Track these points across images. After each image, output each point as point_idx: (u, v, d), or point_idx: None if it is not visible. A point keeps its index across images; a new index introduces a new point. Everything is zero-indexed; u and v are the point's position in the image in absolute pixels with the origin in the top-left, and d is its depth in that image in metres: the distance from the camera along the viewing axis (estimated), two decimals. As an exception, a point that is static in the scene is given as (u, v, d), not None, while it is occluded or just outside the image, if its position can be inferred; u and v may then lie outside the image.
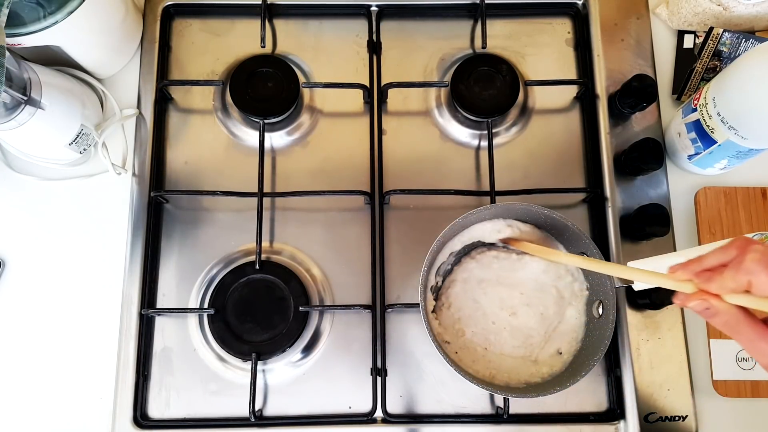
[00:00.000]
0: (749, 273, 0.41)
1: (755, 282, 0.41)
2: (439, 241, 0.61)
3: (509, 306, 0.64)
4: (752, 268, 0.41)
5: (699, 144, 0.66)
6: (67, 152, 0.67)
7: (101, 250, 0.70)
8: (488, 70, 0.72)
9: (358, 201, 0.72)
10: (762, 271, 0.41)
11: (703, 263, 0.45)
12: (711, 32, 0.74)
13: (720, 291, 0.43)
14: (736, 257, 0.43)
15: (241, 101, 0.71)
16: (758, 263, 0.41)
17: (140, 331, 0.67)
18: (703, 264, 0.45)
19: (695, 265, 0.46)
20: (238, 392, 0.66)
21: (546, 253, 0.60)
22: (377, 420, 0.66)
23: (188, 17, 0.78)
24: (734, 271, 0.42)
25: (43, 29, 0.60)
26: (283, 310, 0.67)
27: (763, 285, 0.41)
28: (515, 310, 0.64)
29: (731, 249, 0.44)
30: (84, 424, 0.66)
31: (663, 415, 0.65)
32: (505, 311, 0.64)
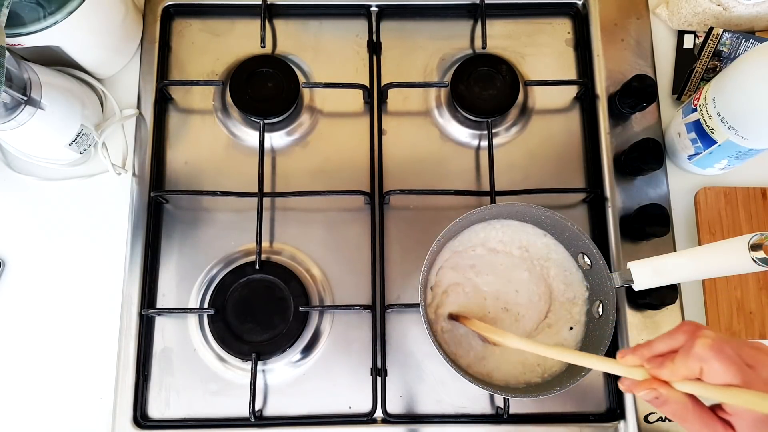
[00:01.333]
0: (700, 360, 0.40)
1: (706, 369, 0.40)
2: (439, 241, 0.61)
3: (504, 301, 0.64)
4: (703, 355, 0.40)
5: (699, 144, 0.66)
6: (67, 152, 0.68)
7: (101, 250, 0.70)
8: (488, 70, 0.72)
9: (358, 201, 0.72)
10: (713, 358, 0.40)
11: (653, 349, 0.44)
12: (711, 32, 0.74)
13: (671, 378, 0.42)
14: (685, 343, 0.42)
15: (241, 101, 0.71)
16: (709, 349, 0.40)
17: (140, 331, 0.67)
18: (653, 350, 0.44)
19: (645, 350, 0.45)
20: (238, 392, 0.66)
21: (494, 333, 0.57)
22: (377, 420, 0.66)
23: (188, 17, 0.78)
24: (684, 357, 0.41)
25: (43, 29, 0.60)
26: (283, 310, 0.67)
27: (714, 372, 0.40)
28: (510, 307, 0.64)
29: (679, 334, 0.43)
30: (84, 424, 0.66)
31: (663, 416, 0.65)
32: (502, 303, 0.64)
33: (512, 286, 0.65)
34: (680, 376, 0.42)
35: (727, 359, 0.39)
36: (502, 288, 0.65)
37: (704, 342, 0.40)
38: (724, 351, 0.40)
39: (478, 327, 0.59)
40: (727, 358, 0.39)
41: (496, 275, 0.65)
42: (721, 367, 0.39)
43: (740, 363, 0.39)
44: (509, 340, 0.56)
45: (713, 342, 0.40)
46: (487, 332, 0.58)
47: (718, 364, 0.39)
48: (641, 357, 0.45)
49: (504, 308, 0.64)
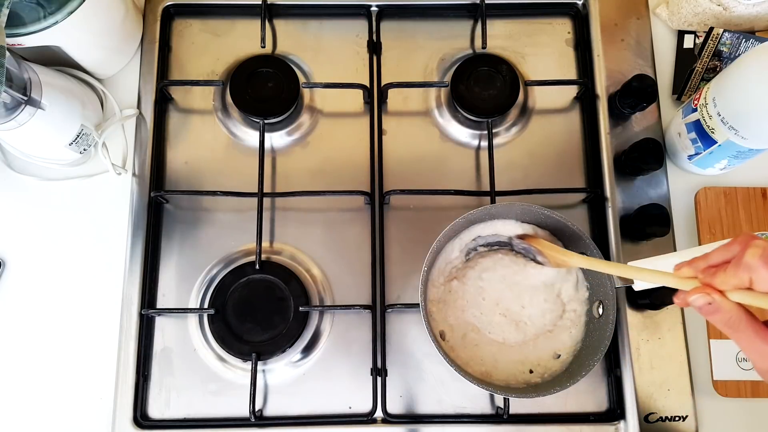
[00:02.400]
0: (749, 269, 0.41)
1: (755, 278, 0.41)
2: (440, 241, 0.61)
3: (506, 306, 0.64)
4: (752, 264, 0.40)
5: (699, 144, 0.66)
6: (67, 152, 0.68)
7: (101, 251, 0.70)
8: (488, 70, 0.72)
9: (358, 201, 0.72)
10: (761, 267, 0.40)
11: (708, 260, 0.45)
12: (711, 32, 0.74)
13: (722, 286, 0.43)
14: (738, 253, 0.42)
15: (241, 101, 0.71)
16: (758, 258, 0.40)
17: (140, 331, 0.67)
18: (708, 261, 0.45)
19: (700, 262, 0.45)
20: (238, 392, 0.66)
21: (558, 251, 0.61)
22: (377, 420, 0.66)
23: (188, 17, 0.78)
24: (735, 267, 0.42)
25: (43, 29, 0.60)
26: (283, 310, 0.67)
27: (763, 280, 0.40)
28: (513, 309, 0.64)
29: (734, 245, 0.43)
30: (84, 424, 0.66)
31: (663, 416, 0.65)
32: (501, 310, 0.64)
33: (510, 286, 0.64)
34: (731, 285, 0.42)
35: None
36: (501, 288, 0.64)
37: (754, 251, 0.41)
38: None
39: (543, 245, 0.62)
40: None
41: (496, 275, 0.65)
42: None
43: None
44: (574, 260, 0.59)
45: (763, 251, 0.40)
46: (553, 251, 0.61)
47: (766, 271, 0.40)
48: (696, 268, 0.45)
49: (504, 308, 0.64)
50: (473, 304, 0.64)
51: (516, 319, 0.64)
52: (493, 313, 0.64)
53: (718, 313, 0.43)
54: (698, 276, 0.45)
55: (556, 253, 0.61)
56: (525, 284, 0.64)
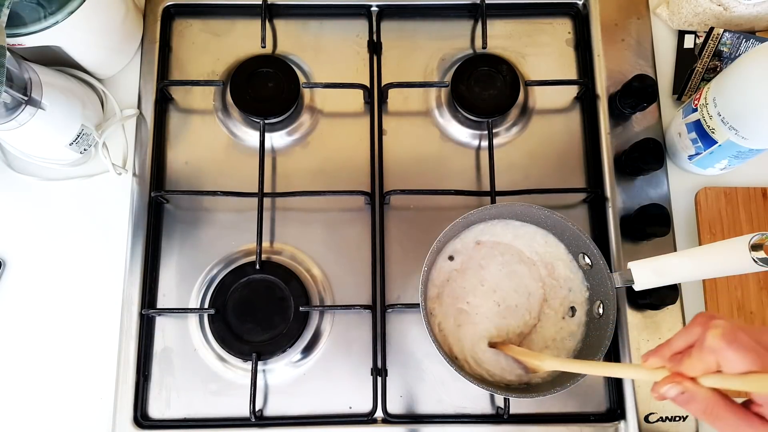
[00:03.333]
0: (713, 351, 0.39)
1: (721, 360, 0.39)
2: (440, 241, 0.61)
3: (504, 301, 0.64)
4: (714, 346, 0.39)
5: (699, 144, 0.66)
6: (67, 152, 0.68)
7: (102, 251, 0.70)
8: (488, 70, 0.72)
9: (359, 201, 0.72)
10: (726, 348, 0.38)
11: (672, 347, 0.43)
12: (711, 32, 0.74)
13: (692, 373, 0.41)
14: (700, 336, 0.41)
15: (242, 101, 0.71)
16: (720, 339, 0.38)
17: (141, 331, 0.67)
18: (672, 348, 0.43)
19: (665, 349, 0.44)
20: (239, 392, 0.66)
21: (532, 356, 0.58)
22: (377, 420, 0.66)
23: (189, 17, 0.78)
24: (699, 351, 0.40)
25: (44, 29, 0.60)
26: (283, 310, 0.67)
27: (730, 363, 0.38)
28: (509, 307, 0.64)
29: (695, 327, 0.42)
30: (84, 424, 0.66)
31: (663, 416, 0.65)
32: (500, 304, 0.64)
33: (512, 287, 0.64)
34: (699, 370, 0.40)
35: (742, 346, 0.38)
36: (501, 288, 0.64)
37: (714, 333, 0.39)
38: (737, 339, 0.38)
39: (515, 352, 0.60)
40: (741, 346, 0.38)
41: (496, 275, 0.65)
42: (735, 355, 0.38)
43: (756, 348, 0.38)
44: (546, 363, 0.57)
45: (723, 331, 0.39)
46: (525, 356, 0.59)
47: (732, 353, 0.38)
48: (662, 357, 0.44)
49: (503, 308, 0.64)
50: (471, 291, 0.64)
51: (513, 309, 0.64)
52: (493, 309, 0.64)
53: (693, 402, 0.40)
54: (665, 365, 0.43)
55: (529, 358, 0.58)
56: (515, 274, 0.64)
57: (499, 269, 0.65)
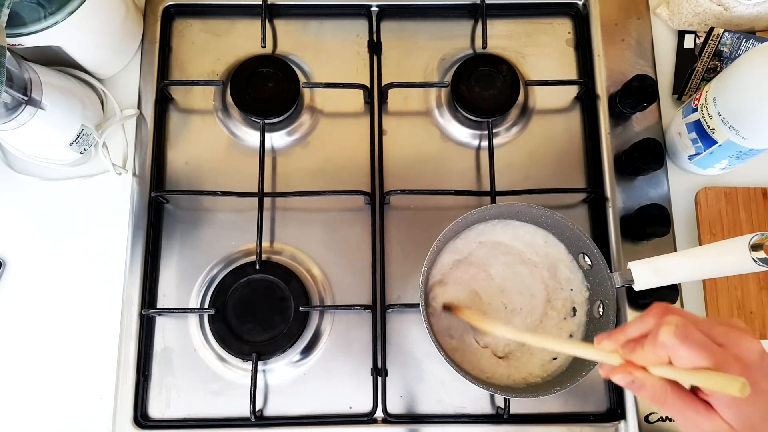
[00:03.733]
0: (665, 347, 0.40)
1: (673, 356, 0.40)
2: (440, 241, 0.61)
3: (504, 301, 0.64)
4: (667, 342, 0.39)
5: (699, 144, 0.66)
6: (67, 152, 0.68)
7: (102, 251, 0.70)
8: (489, 70, 0.72)
9: (359, 201, 0.72)
10: (678, 345, 0.39)
11: (626, 333, 0.44)
12: (711, 32, 0.74)
13: (643, 363, 0.42)
14: (653, 328, 0.41)
15: (242, 101, 0.71)
16: (673, 336, 0.39)
17: (141, 331, 0.67)
18: (626, 334, 0.44)
19: (620, 335, 0.44)
20: (239, 392, 0.66)
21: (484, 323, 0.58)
22: (377, 420, 0.66)
23: (189, 17, 0.78)
24: (652, 345, 0.41)
25: (44, 29, 0.60)
26: (283, 310, 0.67)
27: (682, 359, 0.39)
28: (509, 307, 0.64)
29: (649, 317, 0.42)
30: (84, 424, 0.66)
31: (663, 415, 0.65)
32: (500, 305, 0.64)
33: (512, 287, 0.65)
34: (650, 362, 0.41)
35: (694, 344, 0.39)
36: (502, 288, 0.65)
37: (667, 330, 0.39)
38: (689, 336, 0.39)
39: (468, 317, 0.60)
40: (693, 343, 0.39)
41: (496, 275, 0.65)
42: (687, 352, 0.39)
43: (709, 344, 0.39)
44: (497, 329, 0.56)
45: (677, 329, 0.39)
46: (477, 322, 0.58)
47: (684, 350, 0.39)
48: (616, 342, 0.44)
49: (504, 309, 0.64)
50: (472, 304, 0.64)
51: (513, 309, 0.64)
52: (493, 310, 0.64)
53: (643, 389, 0.42)
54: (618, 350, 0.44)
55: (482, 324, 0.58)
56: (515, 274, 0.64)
57: (504, 268, 0.65)
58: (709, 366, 0.38)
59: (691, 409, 0.40)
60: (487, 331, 0.58)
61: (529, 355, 0.63)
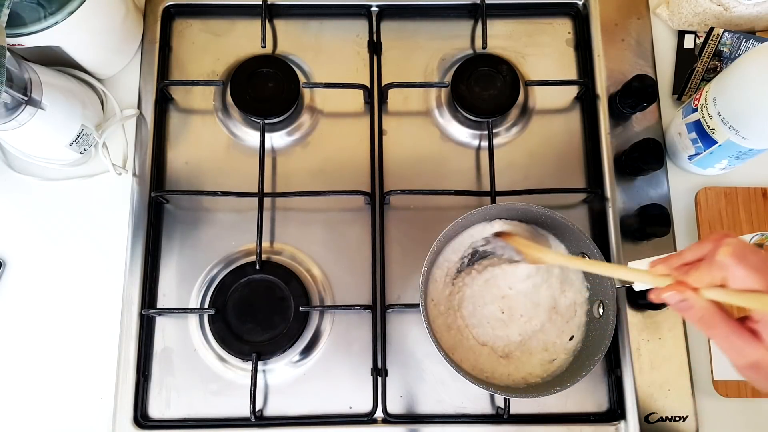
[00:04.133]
0: (722, 267, 0.41)
1: (729, 276, 0.41)
2: (440, 241, 0.61)
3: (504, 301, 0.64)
4: (725, 262, 0.40)
5: (699, 144, 0.66)
6: (67, 152, 0.68)
7: (102, 251, 0.70)
8: (489, 70, 0.72)
9: (359, 201, 0.72)
10: (734, 265, 0.40)
11: (683, 258, 0.45)
12: (711, 32, 0.74)
13: (696, 284, 0.43)
14: (710, 251, 0.42)
15: (242, 101, 0.71)
16: (730, 256, 0.40)
17: (141, 331, 0.67)
18: (682, 258, 0.45)
19: (675, 259, 0.45)
20: (239, 392, 0.66)
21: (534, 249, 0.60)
22: (377, 420, 0.66)
23: (189, 17, 0.78)
24: (708, 265, 0.42)
25: (44, 29, 0.60)
26: (283, 310, 0.67)
27: (736, 278, 0.40)
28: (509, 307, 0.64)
29: (707, 243, 0.43)
30: (84, 424, 0.66)
31: (663, 416, 0.65)
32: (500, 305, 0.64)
33: (512, 287, 0.64)
34: (704, 282, 0.42)
35: (749, 265, 0.40)
36: (502, 288, 0.64)
37: (726, 250, 0.40)
38: (746, 257, 0.40)
39: (518, 243, 0.61)
40: (749, 264, 0.40)
41: (496, 275, 0.65)
42: (742, 273, 0.40)
43: (763, 268, 0.40)
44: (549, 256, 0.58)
45: (734, 249, 0.40)
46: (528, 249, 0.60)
47: (740, 270, 0.40)
48: (670, 266, 0.45)
49: (503, 309, 0.64)
50: (472, 304, 0.64)
51: (514, 309, 0.64)
52: (493, 310, 0.64)
53: (691, 309, 0.43)
54: (672, 273, 0.45)
55: (532, 251, 0.60)
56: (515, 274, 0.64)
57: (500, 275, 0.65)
58: (762, 289, 0.39)
59: (737, 336, 0.41)
60: (538, 258, 0.59)
61: (528, 355, 0.63)
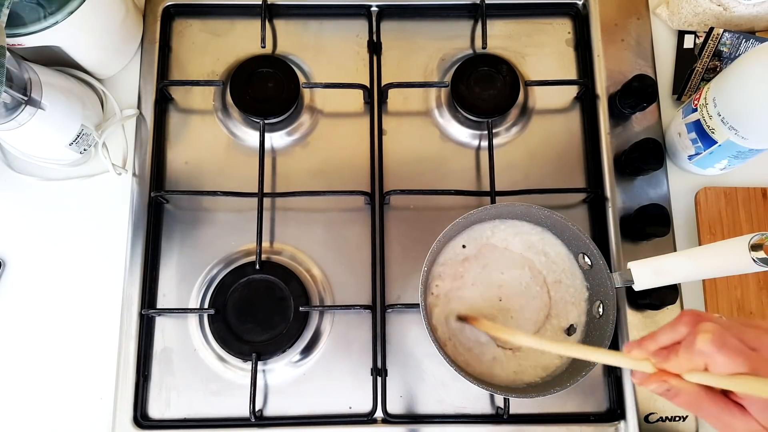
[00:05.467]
0: (703, 355, 0.40)
1: (710, 363, 0.40)
2: (440, 241, 0.61)
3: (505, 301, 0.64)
4: (705, 350, 0.40)
5: (699, 144, 0.66)
6: (67, 152, 0.68)
7: (101, 251, 0.70)
8: (488, 70, 0.72)
9: (359, 201, 0.72)
10: (716, 353, 0.39)
11: (657, 341, 0.44)
12: (711, 32, 0.74)
13: (677, 370, 0.42)
14: (687, 336, 0.42)
15: (242, 101, 0.71)
16: (711, 344, 0.40)
17: (140, 331, 0.67)
18: (657, 342, 0.44)
19: (650, 343, 0.45)
20: (239, 392, 0.66)
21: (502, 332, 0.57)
22: (377, 420, 0.66)
23: (188, 17, 0.78)
24: (687, 353, 0.41)
25: (44, 29, 0.60)
26: (283, 310, 0.67)
27: (719, 365, 0.40)
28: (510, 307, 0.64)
29: (680, 326, 0.43)
30: (84, 424, 0.66)
31: (663, 416, 0.65)
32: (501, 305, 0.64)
33: (513, 287, 0.64)
34: (685, 369, 0.42)
35: (730, 350, 0.39)
36: (502, 288, 0.65)
37: (705, 337, 0.40)
38: (726, 343, 0.40)
39: (486, 327, 0.59)
40: (729, 350, 0.39)
41: (497, 275, 0.65)
42: (725, 359, 0.39)
43: (744, 350, 0.39)
44: (518, 338, 0.56)
45: (714, 336, 0.40)
46: (496, 332, 0.58)
47: (722, 357, 0.39)
48: (646, 350, 0.45)
49: (504, 308, 0.64)
50: (472, 304, 0.64)
51: (514, 309, 0.64)
52: (494, 310, 0.64)
53: (678, 396, 0.42)
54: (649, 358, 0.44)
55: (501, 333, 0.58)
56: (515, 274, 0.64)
57: (500, 275, 0.65)
58: (745, 371, 0.39)
59: (725, 413, 0.41)
60: (507, 341, 0.58)
61: (528, 355, 0.63)
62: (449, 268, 0.65)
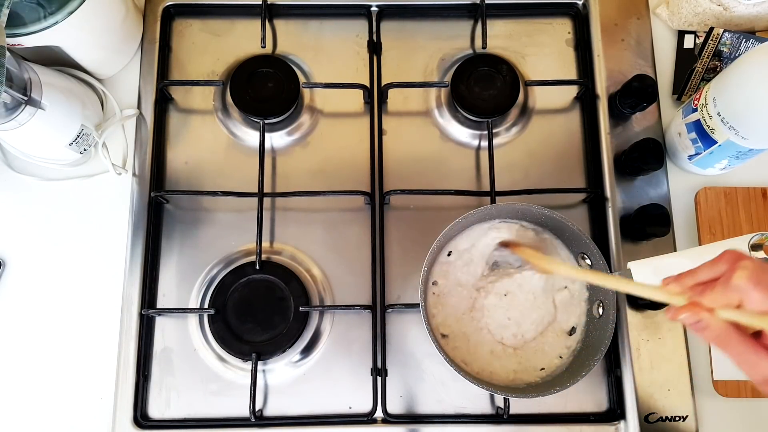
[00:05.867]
0: (738, 291, 0.41)
1: (745, 299, 0.41)
2: (440, 241, 0.61)
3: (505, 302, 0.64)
4: (741, 286, 0.41)
5: (699, 144, 0.66)
6: (67, 152, 0.68)
7: (101, 251, 0.70)
8: (488, 70, 0.72)
9: (359, 201, 0.72)
10: (752, 289, 0.40)
11: (696, 276, 0.45)
12: (711, 32, 0.74)
13: (711, 305, 0.43)
14: (725, 273, 0.43)
15: (242, 101, 0.71)
16: (747, 281, 0.41)
17: (140, 331, 0.67)
18: (696, 277, 0.45)
19: (688, 278, 0.45)
20: (239, 392, 0.66)
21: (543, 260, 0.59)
22: (377, 420, 0.66)
23: (188, 17, 0.78)
24: (723, 288, 0.42)
25: (44, 29, 0.60)
26: (283, 310, 0.67)
27: (754, 302, 0.41)
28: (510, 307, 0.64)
29: (721, 263, 0.44)
30: (84, 424, 0.66)
31: (663, 416, 0.65)
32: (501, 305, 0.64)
33: (512, 287, 0.64)
34: (720, 304, 0.42)
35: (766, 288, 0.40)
36: (502, 288, 0.64)
37: (742, 273, 0.41)
38: (762, 281, 0.40)
39: (528, 255, 0.61)
40: (765, 287, 0.40)
41: (496, 276, 0.65)
42: (759, 296, 0.40)
43: None
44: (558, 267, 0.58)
45: (751, 273, 0.41)
46: (537, 260, 0.60)
47: (757, 294, 0.40)
48: (684, 285, 0.45)
49: (504, 309, 0.64)
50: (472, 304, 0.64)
51: (514, 309, 0.64)
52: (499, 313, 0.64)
53: (706, 330, 0.43)
54: (685, 293, 0.45)
55: (541, 262, 0.60)
56: (514, 274, 0.64)
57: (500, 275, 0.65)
58: None
59: (752, 352, 0.42)
60: (547, 269, 0.59)
61: (528, 355, 0.63)
62: (450, 270, 0.65)
